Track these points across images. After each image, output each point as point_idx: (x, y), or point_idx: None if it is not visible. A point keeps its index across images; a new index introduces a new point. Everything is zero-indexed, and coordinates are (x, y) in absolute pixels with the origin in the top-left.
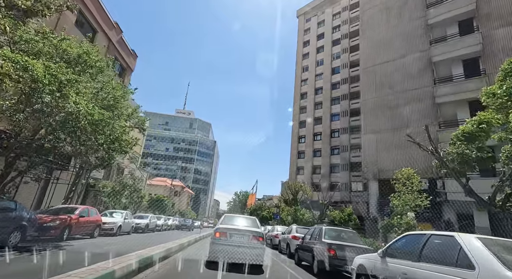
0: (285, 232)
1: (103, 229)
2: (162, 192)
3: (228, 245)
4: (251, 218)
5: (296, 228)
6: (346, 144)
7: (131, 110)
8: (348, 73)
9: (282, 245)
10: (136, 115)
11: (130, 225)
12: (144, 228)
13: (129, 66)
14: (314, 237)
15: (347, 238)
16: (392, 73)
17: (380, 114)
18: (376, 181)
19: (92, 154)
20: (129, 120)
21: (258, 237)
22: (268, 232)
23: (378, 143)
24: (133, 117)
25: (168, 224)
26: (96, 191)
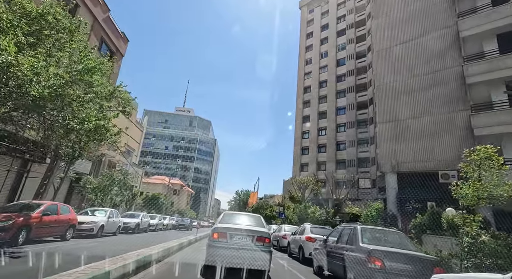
0: (296, 232)
1: (80, 230)
2: (161, 190)
3: (228, 248)
4: (255, 215)
5: (310, 228)
6: (353, 138)
7: (112, 89)
8: (354, 64)
9: (292, 248)
10: (118, 94)
11: (117, 225)
12: (134, 228)
13: (119, 50)
14: (343, 240)
15: (394, 242)
16: (410, 55)
17: (398, 100)
18: (394, 174)
19: (63, 140)
20: (110, 101)
21: (264, 238)
22: (273, 232)
23: (396, 132)
24: (114, 96)
25: (163, 223)
26: (81, 187)
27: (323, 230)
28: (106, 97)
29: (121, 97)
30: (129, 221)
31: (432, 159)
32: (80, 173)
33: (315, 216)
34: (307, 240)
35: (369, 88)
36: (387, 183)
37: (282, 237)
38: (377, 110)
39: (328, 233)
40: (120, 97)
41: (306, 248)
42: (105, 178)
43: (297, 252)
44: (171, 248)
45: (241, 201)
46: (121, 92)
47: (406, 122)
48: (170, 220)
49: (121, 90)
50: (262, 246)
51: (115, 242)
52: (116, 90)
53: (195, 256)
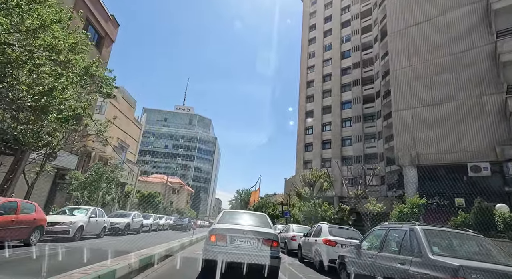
0: (309, 233)
1: (53, 232)
2: (160, 189)
3: (227, 253)
4: (260, 214)
5: (328, 228)
6: (359, 133)
7: (88, 63)
8: (360, 56)
9: (305, 252)
10: (95, 70)
11: (101, 226)
12: (123, 228)
13: (108, 35)
14: (391, 246)
15: (477, 252)
16: (429, 36)
17: (416, 86)
18: (414, 167)
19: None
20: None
21: (271, 241)
22: (280, 232)
23: (415, 121)
24: (90, 71)
25: (159, 223)
26: (64, 184)
27: (345, 232)
28: (80, 74)
29: (99, 75)
30: (118, 221)
31: (460, 149)
32: (63, 168)
33: (327, 215)
34: (325, 244)
35: (376, 80)
36: (405, 177)
37: (291, 238)
38: (392, 98)
39: (353, 235)
40: (98, 75)
41: (325, 253)
42: (92, 173)
43: (312, 257)
44: (152, 257)
45: (242, 200)
46: (98, 70)
47: (426, 110)
48: (167, 219)
49: (98, 69)
50: (270, 251)
51: (91, 246)
52: (93, 66)
53: (187, 266)
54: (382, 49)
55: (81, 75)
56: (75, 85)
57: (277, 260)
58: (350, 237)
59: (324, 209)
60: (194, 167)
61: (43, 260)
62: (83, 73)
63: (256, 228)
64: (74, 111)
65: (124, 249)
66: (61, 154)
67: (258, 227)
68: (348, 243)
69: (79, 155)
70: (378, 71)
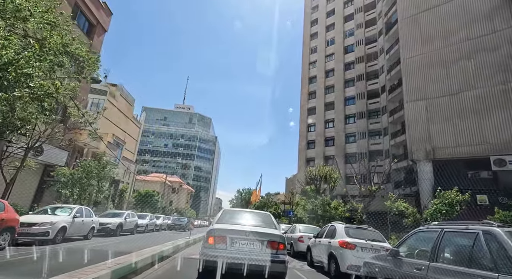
0: (320, 234)
1: (29, 234)
2: (159, 189)
3: (227, 257)
4: (263, 213)
5: (345, 229)
6: (363, 130)
7: (68, 40)
8: (364, 50)
9: (315, 256)
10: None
11: (88, 226)
12: (115, 229)
13: (100, 24)
14: (456, 256)
15: None
16: (444, 20)
17: (431, 75)
18: (429, 162)
19: None
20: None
21: (276, 244)
22: (285, 233)
23: (430, 112)
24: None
25: (156, 223)
26: (51, 181)
27: (365, 232)
28: (57, 51)
29: (78, 54)
30: (109, 221)
31: (481, 141)
32: (52, 165)
33: (337, 213)
34: (342, 247)
35: (381, 75)
36: (420, 173)
37: (298, 240)
38: (403, 88)
39: (375, 237)
40: (78, 55)
41: (341, 258)
42: (81, 169)
43: (326, 262)
44: (132, 265)
45: (243, 200)
46: (78, 47)
47: (442, 100)
48: (165, 219)
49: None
50: (275, 255)
51: (70, 249)
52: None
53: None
54: (388, 42)
55: (56, 53)
56: (48, 63)
57: (284, 265)
58: (372, 239)
59: (334, 206)
60: (194, 166)
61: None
62: (61, 52)
63: (260, 228)
64: (44, 91)
65: (107, 254)
66: (49, 149)
67: (262, 228)
68: (369, 246)
69: (69, 151)
70: (383, 65)
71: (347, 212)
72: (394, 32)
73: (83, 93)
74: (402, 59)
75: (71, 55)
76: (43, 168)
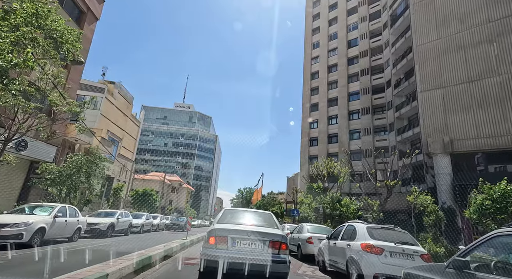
0: (335, 235)
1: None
2: (158, 188)
3: (229, 257)
4: (265, 212)
5: (367, 229)
6: (368, 126)
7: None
8: (368, 44)
9: (330, 260)
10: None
11: (73, 227)
12: (106, 230)
13: (91, 11)
14: None
15: None
16: (461, 2)
17: (447, 61)
18: (447, 155)
19: None
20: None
21: (279, 244)
22: (291, 233)
23: (447, 101)
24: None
25: (153, 223)
26: (36, 178)
27: (392, 234)
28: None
29: (56, 28)
30: (98, 221)
31: (507, 132)
32: (39, 161)
33: (350, 212)
34: (365, 251)
35: (386, 69)
36: (437, 167)
37: (307, 241)
38: (417, 77)
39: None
40: (55, 29)
41: (365, 264)
42: (70, 165)
43: (344, 269)
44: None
45: (244, 199)
46: (55, 22)
47: (460, 88)
48: (163, 219)
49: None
50: (278, 255)
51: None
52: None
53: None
54: (393, 35)
55: (25, 22)
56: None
57: (287, 266)
58: (401, 242)
59: (346, 204)
60: (195, 165)
61: None
62: (29, 22)
63: (262, 228)
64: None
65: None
66: (32, 141)
67: (264, 227)
68: (400, 251)
69: (58, 146)
70: (388, 59)
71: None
72: (400, 25)
73: (74, 81)
74: (415, 46)
75: (46, 30)
76: (28, 164)
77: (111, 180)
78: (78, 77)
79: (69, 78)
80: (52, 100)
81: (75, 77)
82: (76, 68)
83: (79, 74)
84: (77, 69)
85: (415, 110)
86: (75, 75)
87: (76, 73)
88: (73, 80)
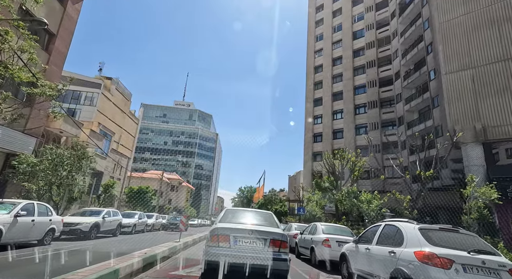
0: (366, 238)
1: None
2: (157, 186)
3: (231, 255)
4: (265, 212)
5: (420, 231)
6: (375, 120)
7: None
8: (375, 35)
9: (359, 270)
10: None
11: (44, 228)
12: (88, 231)
13: None
14: None
15: None
16: None
17: (477, 38)
18: (478, 144)
19: None
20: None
21: (279, 242)
22: (301, 234)
23: (478, 83)
24: None
25: (148, 223)
26: (10, 173)
27: (457, 237)
28: None
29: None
30: (80, 221)
31: None
32: (14, 153)
33: (372, 209)
34: (423, 262)
35: (395, 60)
36: (466, 159)
37: (323, 243)
38: (441, 58)
39: (478, 245)
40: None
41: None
42: (51, 156)
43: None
44: None
45: (245, 198)
46: None
47: (494, 68)
48: (158, 218)
49: None
50: (278, 253)
51: None
52: None
53: None
54: (402, 24)
55: None
56: None
57: (287, 263)
58: (476, 250)
59: (367, 199)
60: (195, 164)
61: None
62: None
63: (262, 227)
64: None
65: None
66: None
67: (265, 226)
68: (478, 264)
69: (41, 138)
70: (396, 49)
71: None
72: (409, 13)
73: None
74: (438, 24)
75: None
76: (4, 157)
77: (100, 175)
78: (61, 61)
79: (50, 61)
80: (16, 75)
81: (57, 61)
82: (59, 51)
83: (62, 59)
84: (60, 53)
85: (426, 103)
86: (57, 59)
87: (58, 57)
88: (56, 65)
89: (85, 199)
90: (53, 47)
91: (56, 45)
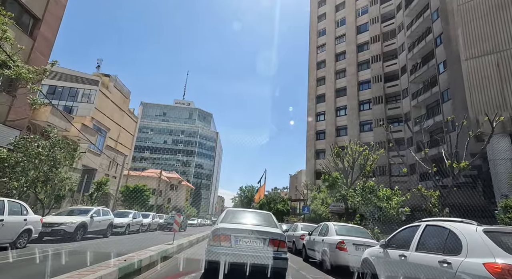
0: (400, 242)
1: None
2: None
3: (232, 254)
4: (265, 213)
5: (490, 235)
6: (381, 116)
7: None
8: (380, 29)
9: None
10: None
11: (18, 229)
12: (73, 232)
13: None
14: None
15: None
16: None
17: (502, 19)
18: (505, 136)
19: None
20: None
21: (278, 242)
22: (309, 235)
23: (503, 69)
24: None
25: (143, 222)
26: None
27: None
28: None
29: None
30: (63, 220)
31: None
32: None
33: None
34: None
35: (401, 54)
36: (491, 152)
37: (337, 247)
38: (460, 42)
39: None
40: None
41: None
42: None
43: None
44: None
45: (245, 198)
46: None
47: None
48: (155, 218)
49: None
50: (277, 252)
51: None
52: None
53: None
54: (408, 17)
55: None
56: None
57: (285, 262)
58: None
59: (388, 196)
60: (195, 163)
61: None
62: None
63: (262, 227)
64: None
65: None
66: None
67: (264, 227)
68: None
69: (25, 131)
70: (403, 43)
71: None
72: (416, 4)
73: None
74: (456, 6)
75: None
76: None
77: (93, 172)
78: (47, 49)
79: (35, 48)
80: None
81: (43, 49)
82: (44, 37)
83: (48, 46)
84: (46, 39)
85: (435, 97)
86: (43, 46)
87: (44, 44)
88: (41, 52)
89: (77, 198)
90: (38, 33)
91: (41, 30)
